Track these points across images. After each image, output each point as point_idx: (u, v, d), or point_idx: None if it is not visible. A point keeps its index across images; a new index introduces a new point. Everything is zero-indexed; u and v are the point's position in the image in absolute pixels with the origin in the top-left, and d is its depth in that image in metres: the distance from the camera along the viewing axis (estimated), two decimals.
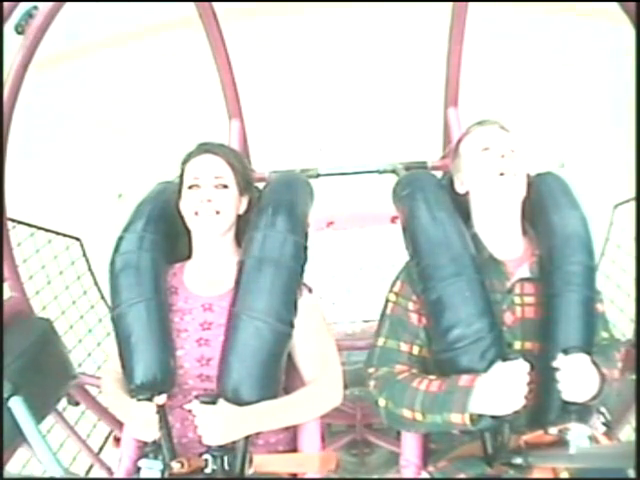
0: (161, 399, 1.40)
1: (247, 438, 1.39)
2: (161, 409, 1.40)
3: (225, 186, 1.52)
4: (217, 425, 1.36)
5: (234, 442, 1.37)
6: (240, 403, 1.39)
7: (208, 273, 1.55)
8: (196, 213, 1.50)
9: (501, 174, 1.47)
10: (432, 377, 1.42)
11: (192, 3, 2.20)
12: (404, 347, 1.49)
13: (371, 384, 1.48)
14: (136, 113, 4.90)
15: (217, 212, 1.49)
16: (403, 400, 1.40)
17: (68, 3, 1.59)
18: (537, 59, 5.00)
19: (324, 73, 5.11)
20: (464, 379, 1.34)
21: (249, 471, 1.40)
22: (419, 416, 1.38)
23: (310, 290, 1.55)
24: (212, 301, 1.52)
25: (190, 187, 1.52)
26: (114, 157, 4.56)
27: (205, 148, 1.56)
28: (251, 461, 1.40)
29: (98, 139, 4.76)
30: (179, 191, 1.55)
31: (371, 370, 1.50)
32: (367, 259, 3.03)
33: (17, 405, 1.43)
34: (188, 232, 1.57)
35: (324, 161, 2.42)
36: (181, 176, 1.56)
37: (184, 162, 1.56)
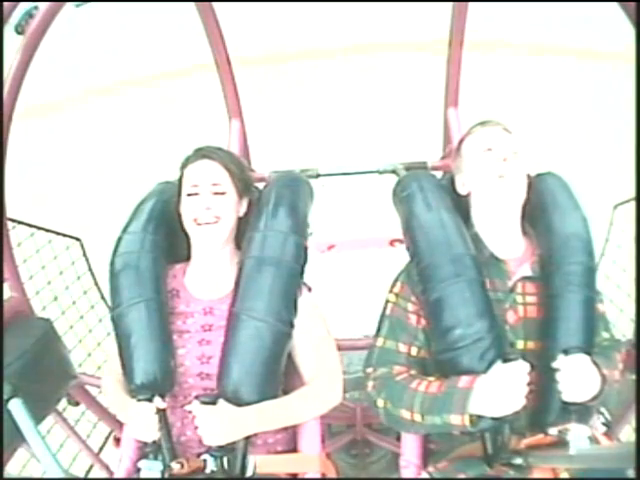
0: (161, 404, 1.40)
1: (247, 438, 1.39)
2: (161, 410, 1.40)
3: (223, 192, 1.52)
4: (217, 425, 1.36)
5: (234, 442, 1.37)
6: (240, 403, 1.39)
7: (209, 276, 1.55)
8: (195, 220, 1.50)
9: (501, 177, 1.47)
10: (431, 378, 1.41)
11: (192, 4, 2.20)
12: (403, 348, 1.49)
13: (369, 384, 1.47)
14: (137, 114, 4.92)
15: (217, 219, 1.49)
16: (402, 401, 1.40)
17: (68, 4, 1.59)
18: (537, 63, 5.02)
19: (325, 73, 5.13)
20: (464, 380, 1.34)
21: (249, 471, 1.40)
22: (418, 417, 1.38)
23: (310, 289, 1.55)
24: (213, 304, 1.52)
25: (189, 195, 1.52)
26: (116, 158, 4.58)
27: (202, 153, 1.55)
28: (251, 461, 1.40)
29: (99, 140, 4.78)
30: (178, 194, 1.55)
31: (369, 370, 1.49)
32: (367, 280, 3.08)
33: (17, 407, 1.43)
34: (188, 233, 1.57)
35: (324, 161, 2.42)
36: (180, 180, 1.56)
37: (182, 166, 1.56)
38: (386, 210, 1.70)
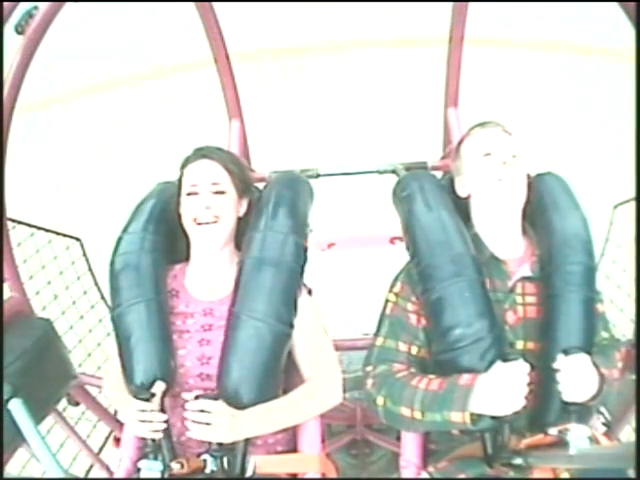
0: (161, 386, 1.40)
1: (247, 439, 1.39)
2: (161, 409, 1.40)
3: (223, 192, 1.52)
4: (218, 424, 1.36)
5: (234, 442, 1.37)
6: (240, 403, 1.39)
7: (208, 277, 1.55)
8: (195, 220, 1.49)
9: (501, 180, 1.47)
10: (432, 376, 1.41)
11: (192, 4, 2.20)
12: (403, 347, 1.49)
13: (369, 382, 1.47)
14: (138, 115, 4.92)
15: (216, 218, 1.49)
16: (402, 398, 1.40)
17: (67, 5, 1.59)
18: (537, 61, 5.02)
19: (325, 73, 5.13)
20: (465, 378, 1.34)
21: (249, 471, 1.40)
22: (418, 414, 1.37)
23: (310, 292, 1.55)
24: (212, 306, 1.52)
25: (189, 194, 1.52)
26: (116, 158, 4.58)
27: (202, 153, 1.55)
28: (251, 461, 1.40)
29: (100, 140, 4.78)
30: (178, 195, 1.55)
31: (369, 368, 1.49)
32: (367, 278, 3.09)
33: (17, 407, 1.43)
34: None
35: (324, 161, 2.42)
36: (179, 180, 1.56)
37: (182, 166, 1.56)
38: (386, 207, 1.69)
